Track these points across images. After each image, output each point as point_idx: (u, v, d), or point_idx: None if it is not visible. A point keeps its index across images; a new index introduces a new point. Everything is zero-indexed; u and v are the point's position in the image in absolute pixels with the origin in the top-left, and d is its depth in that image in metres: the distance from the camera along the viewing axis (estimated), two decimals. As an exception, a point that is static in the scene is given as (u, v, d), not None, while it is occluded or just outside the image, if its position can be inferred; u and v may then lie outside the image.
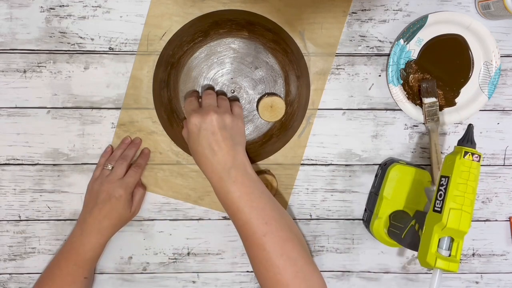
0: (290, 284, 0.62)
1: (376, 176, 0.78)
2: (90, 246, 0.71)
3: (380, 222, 0.74)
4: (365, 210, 0.79)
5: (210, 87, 0.73)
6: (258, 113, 0.75)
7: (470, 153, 0.63)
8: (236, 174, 0.64)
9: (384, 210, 0.74)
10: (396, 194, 0.74)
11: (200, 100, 0.69)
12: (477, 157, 0.63)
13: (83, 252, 0.71)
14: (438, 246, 0.63)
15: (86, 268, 0.72)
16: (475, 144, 0.65)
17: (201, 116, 0.65)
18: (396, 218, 0.72)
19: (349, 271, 0.81)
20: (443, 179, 0.65)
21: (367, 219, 0.77)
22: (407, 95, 0.76)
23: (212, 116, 0.65)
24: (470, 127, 0.66)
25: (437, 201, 0.64)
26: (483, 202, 0.80)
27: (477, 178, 0.63)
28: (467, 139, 0.66)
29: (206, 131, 0.64)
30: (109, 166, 0.73)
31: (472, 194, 0.63)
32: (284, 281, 0.62)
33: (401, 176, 0.74)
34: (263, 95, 0.75)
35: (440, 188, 0.64)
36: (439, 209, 0.63)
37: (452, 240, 0.63)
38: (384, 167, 0.76)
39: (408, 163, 0.75)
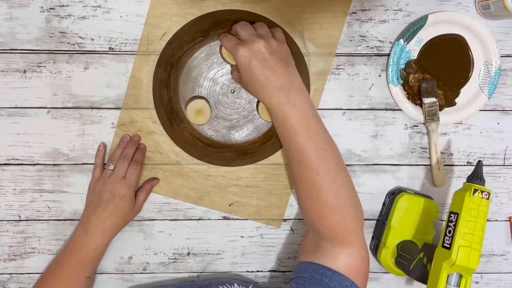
0: (339, 208, 0.64)
1: (383, 204, 0.78)
2: (94, 246, 0.71)
3: (388, 251, 0.74)
4: (372, 237, 0.79)
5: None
6: (258, 113, 0.75)
7: (479, 190, 0.65)
8: (295, 97, 0.64)
9: (392, 239, 0.74)
10: (404, 224, 0.74)
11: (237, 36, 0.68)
12: (486, 194, 0.65)
13: (86, 252, 0.71)
14: (446, 282, 0.64)
15: (89, 268, 0.72)
16: (484, 181, 0.67)
17: (247, 46, 0.64)
18: (404, 249, 0.73)
19: (349, 271, 0.81)
20: (452, 215, 0.66)
21: (375, 247, 0.77)
22: (407, 95, 0.76)
23: (259, 43, 0.64)
24: (479, 164, 0.67)
25: (446, 237, 0.65)
26: (483, 202, 0.80)
27: (486, 216, 0.65)
28: (477, 176, 0.67)
29: (257, 59, 0.63)
30: (111, 166, 0.73)
31: (481, 231, 0.64)
32: (334, 205, 0.64)
33: (409, 206, 0.74)
34: (263, 95, 0.75)
35: (450, 224, 0.65)
36: (448, 246, 0.64)
37: (461, 276, 0.64)
38: (392, 196, 0.76)
39: (416, 193, 0.76)
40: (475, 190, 0.65)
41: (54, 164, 0.76)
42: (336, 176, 0.65)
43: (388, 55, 0.76)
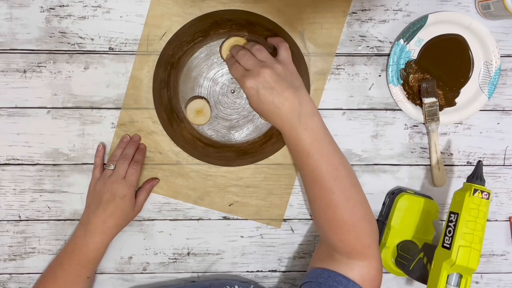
0: (356, 225, 0.65)
1: (383, 204, 0.79)
2: (95, 246, 0.71)
3: (388, 251, 0.74)
4: None
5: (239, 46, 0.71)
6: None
7: (479, 190, 0.65)
8: (306, 121, 0.65)
9: (392, 239, 0.74)
10: (404, 224, 0.74)
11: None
12: (486, 194, 0.65)
13: (87, 252, 0.71)
14: (446, 282, 0.64)
15: (90, 268, 0.72)
16: (484, 181, 0.67)
17: (254, 77, 0.64)
18: (404, 249, 0.73)
19: (349, 271, 0.81)
20: (452, 215, 0.66)
21: None
22: (407, 95, 0.76)
23: (264, 73, 0.64)
24: (479, 164, 0.67)
25: (446, 237, 0.65)
26: (483, 202, 0.80)
27: (486, 216, 0.65)
28: (477, 176, 0.67)
29: (265, 89, 0.64)
30: (111, 166, 0.73)
31: (481, 231, 0.64)
32: (350, 222, 0.65)
33: (409, 206, 0.74)
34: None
35: (449, 224, 0.65)
36: (448, 246, 0.64)
37: (460, 276, 0.64)
38: (392, 196, 0.76)
39: (416, 193, 0.76)
40: (475, 190, 0.65)
41: (54, 164, 0.76)
42: (350, 195, 0.66)
43: (388, 55, 0.76)
